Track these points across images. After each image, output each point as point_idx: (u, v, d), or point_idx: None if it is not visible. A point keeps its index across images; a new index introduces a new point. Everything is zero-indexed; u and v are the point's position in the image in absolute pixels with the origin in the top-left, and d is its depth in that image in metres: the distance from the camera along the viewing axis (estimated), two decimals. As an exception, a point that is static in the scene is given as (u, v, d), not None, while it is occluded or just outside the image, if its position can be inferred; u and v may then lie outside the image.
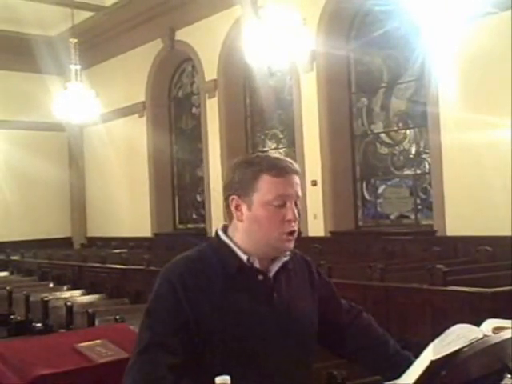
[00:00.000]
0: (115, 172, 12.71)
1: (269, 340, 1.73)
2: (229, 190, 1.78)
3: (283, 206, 1.73)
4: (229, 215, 1.80)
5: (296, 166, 1.79)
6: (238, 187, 1.76)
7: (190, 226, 11.92)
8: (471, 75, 7.00)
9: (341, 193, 8.87)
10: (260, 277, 1.76)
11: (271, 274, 1.78)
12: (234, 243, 1.77)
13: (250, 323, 1.71)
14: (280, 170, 1.74)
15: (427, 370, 1.47)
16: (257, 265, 1.76)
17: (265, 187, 1.72)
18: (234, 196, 1.76)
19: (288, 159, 1.82)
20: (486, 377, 1.56)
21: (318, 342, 1.89)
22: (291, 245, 1.76)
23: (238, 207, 1.76)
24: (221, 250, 1.78)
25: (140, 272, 7.57)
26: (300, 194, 1.77)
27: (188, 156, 11.97)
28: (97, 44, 12.19)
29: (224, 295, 1.70)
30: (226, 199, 1.79)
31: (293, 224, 1.74)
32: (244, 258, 1.75)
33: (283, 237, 1.73)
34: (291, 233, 1.74)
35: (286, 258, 1.81)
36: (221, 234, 1.82)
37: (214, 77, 10.53)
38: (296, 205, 1.76)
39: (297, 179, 1.76)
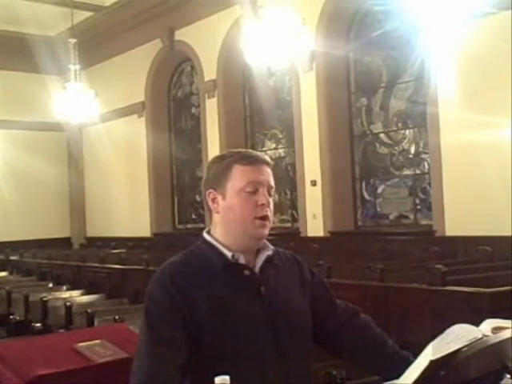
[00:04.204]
0: (114, 172, 12.70)
1: (261, 334, 1.74)
2: (205, 186, 1.85)
3: (255, 192, 1.79)
4: (209, 212, 1.86)
5: (268, 158, 1.86)
6: (213, 181, 1.83)
7: (189, 226, 11.91)
8: (471, 75, 7.00)
9: (340, 193, 8.87)
10: (246, 272, 1.79)
11: (257, 269, 1.81)
12: (218, 241, 1.82)
13: (241, 318, 1.72)
14: (251, 159, 1.81)
15: (426, 370, 1.47)
16: (242, 260, 1.80)
17: (237, 175, 1.79)
18: (211, 190, 1.83)
19: (260, 153, 1.90)
20: (485, 377, 1.56)
21: (315, 341, 1.90)
22: (265, 231, 1.80)
23: (214, 200, 1.83)
24: (206, 250, 1.82)
25: (139, 272, 7.56)
26: (273, 184, 1.83)
27: (187, 156, 11.96)
28: (96, 44, 12.18)
29: (213, 293, 1.72)
30: (205, 197, 1.85)
31: (266, 209, 1.79)
32: (229, 254, 1.79)
33: (256, 222, 1.78)
34: (264, 217, 1.78)
35: (269, 252, 1.84)
36: (205, 235, 1.86)
37: (214, 77, 10.53)
38: (270, 195, 1.81)
39: (268, 170, 1.83)
